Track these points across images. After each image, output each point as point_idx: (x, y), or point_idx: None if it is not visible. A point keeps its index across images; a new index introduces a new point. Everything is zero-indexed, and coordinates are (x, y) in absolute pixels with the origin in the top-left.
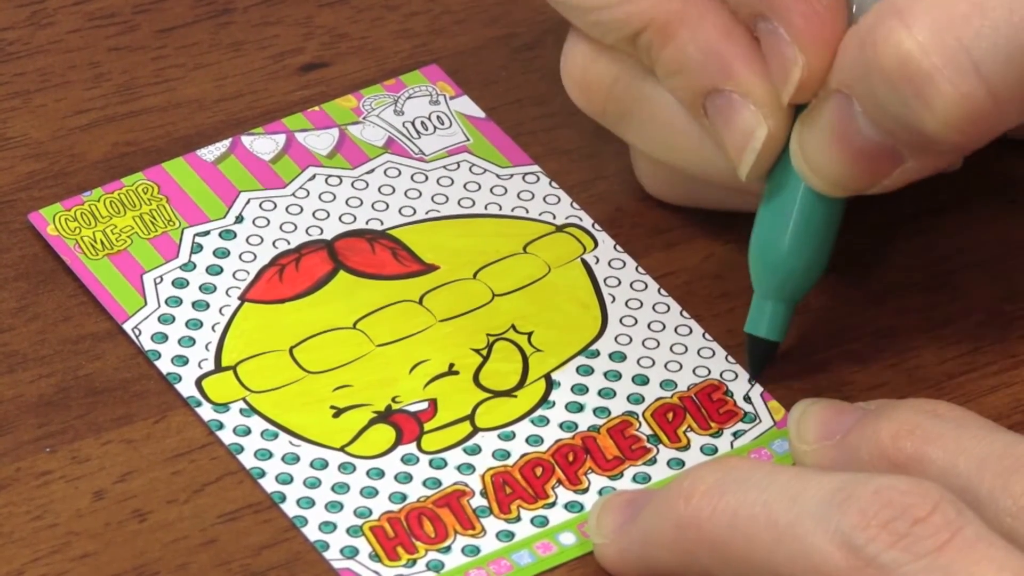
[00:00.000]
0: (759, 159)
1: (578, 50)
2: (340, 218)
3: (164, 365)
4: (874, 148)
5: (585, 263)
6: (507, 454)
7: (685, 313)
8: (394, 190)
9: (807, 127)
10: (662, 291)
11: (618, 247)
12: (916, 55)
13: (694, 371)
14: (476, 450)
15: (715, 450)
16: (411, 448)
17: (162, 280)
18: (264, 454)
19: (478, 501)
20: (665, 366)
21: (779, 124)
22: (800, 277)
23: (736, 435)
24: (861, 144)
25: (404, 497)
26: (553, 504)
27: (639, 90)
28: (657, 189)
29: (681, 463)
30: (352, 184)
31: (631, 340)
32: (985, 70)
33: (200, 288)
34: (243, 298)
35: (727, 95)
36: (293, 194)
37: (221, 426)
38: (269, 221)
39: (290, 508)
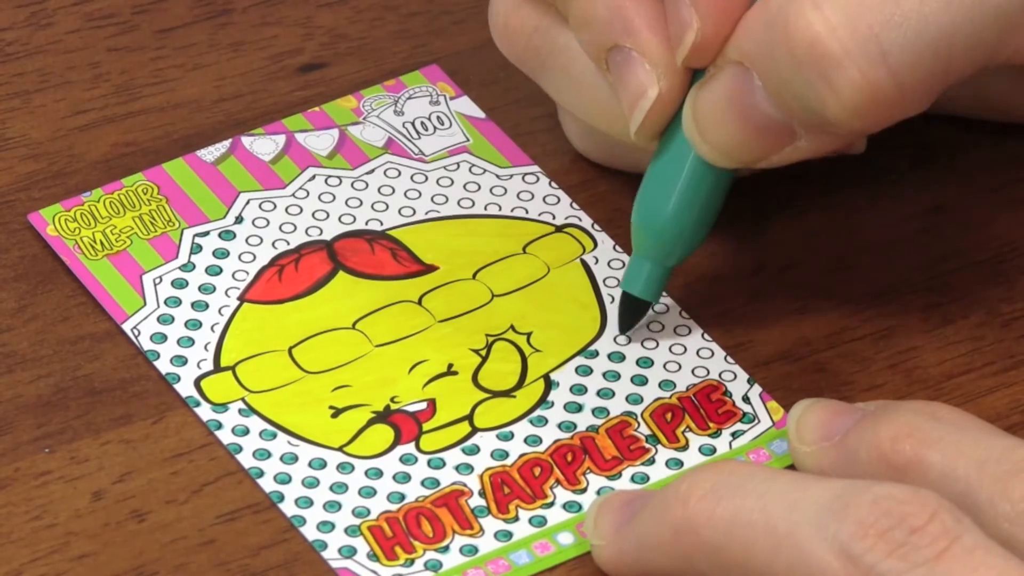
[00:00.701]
0: (648, 119)
1: None
2: (340, 218)
3: (163, 365)
4: (768, 123)
5: (584, 263)
6: (506, 454)
7: (684, 313)
8: (394, 190)
9: (702, 94)
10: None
11: (618, 247)
12: (825, 38)
13: (693, 371)
14: (475, 450)
15: (713, 450)
16: (410, 448)
17: (161, 280)
18: (263, 454)
19: (476, 501)
20: (664, 366)
21: (672, 86)
22: (680, 243)
23: (735, 435)
24: (755, 118)
25: (402, 497)
26: (551, 504)
27: (555, 41)
28: (583, 147)
29: (679, 463)
30: (352, 184)
31: (630, 340)
32: (893, 59)
33: (199, 288)
34: (242, 298)
35: (626, 52)
36: (293, 195)
37: (220, 426)
38: (269, 222)
39: (288, 508)
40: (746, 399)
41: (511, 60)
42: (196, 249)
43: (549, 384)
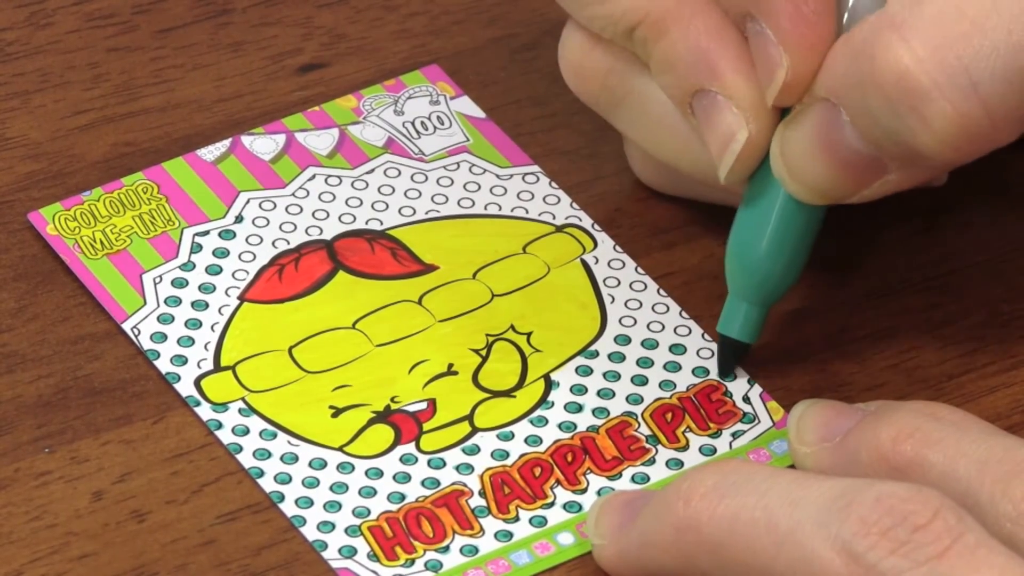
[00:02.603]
0: (739, 162)
1: (576, 37)
2: (340, 218)
3: (163, 365)
4: (858, 158)
5: (584, 263)
6: (506, 454)
7: (684, 313)
8: (394, 190)
9: (790, 132)
10: (661, 291)
11: (617, 247)
12: (914, 71)
13: (693, 371)
14: (475, 450)
15: (714, 450)
16: (410, 448)
17: (161, 280)
18: (263, 454)
19: (477, 501)
20: (664, 366)
21: (761, 128)
22: (775, 282)
23: (735, 435)
24: (845, 154)
25: (403, 497)
26: (552, 504)
27: (632, 83)
28: (648, 177)
29: (680, 463)
30: (352, 184)
31: (630, 340)
32: (983, 90)
33: (199, 288)
34: (242, 298)
35: (712, 95)
36: (293, 194)
37: (220, 426)
38: (269, 221)
39: (288, 508)
40: (746, 399)
41: (582, 100)
42: (196, 248)
43: (549, 384)
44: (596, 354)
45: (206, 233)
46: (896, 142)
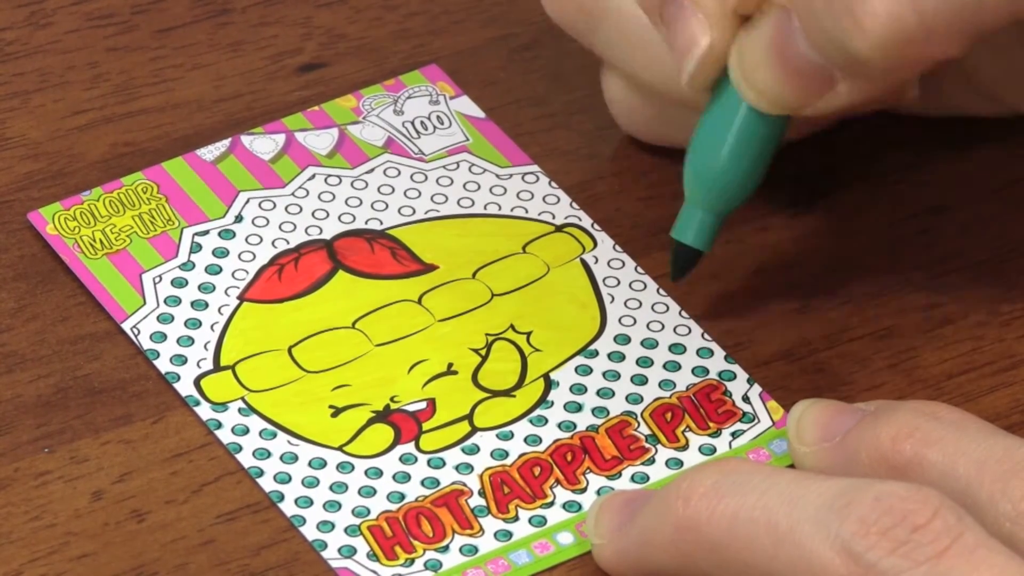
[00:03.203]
0: (700, 67)
1: None
2: (339, 218)
3: (163, 364)
4: (809, 67)
5: (584, 263)
6: (505, 454)
7: (684, 313)
8: (393, 190)
9: (747, 39)
10: (661, 291)
11: (617, 247)
12: None
13: (693, 371)
14: (474, 450)
15: (713, 450)
16: (409, 448)
17: (161, 279)
18: (262, 453)
19: (476, 501)
20: (664, 366)
21: (723, 36)
22: (733, 191)
23: (735, 435)
24: (796, 61)
25: (402, 497)
26: (551, 504)
27: (608, 2)
28: (628, 120)
29: (679, 463)
30: (352, 184)
31: (630, 340)
32: None
33: (199, 288)
34: (242, 298)
35: (679, 3)
36: (292, 194)
37: (219, 425)
38: (268, 221)
39: (288, 507)
40: (746, 399)
41: (559, 22)
42: (196, 248)
43: (549, 384)
44: (596, 354)
45: (206, 233)
46: (836, 46)
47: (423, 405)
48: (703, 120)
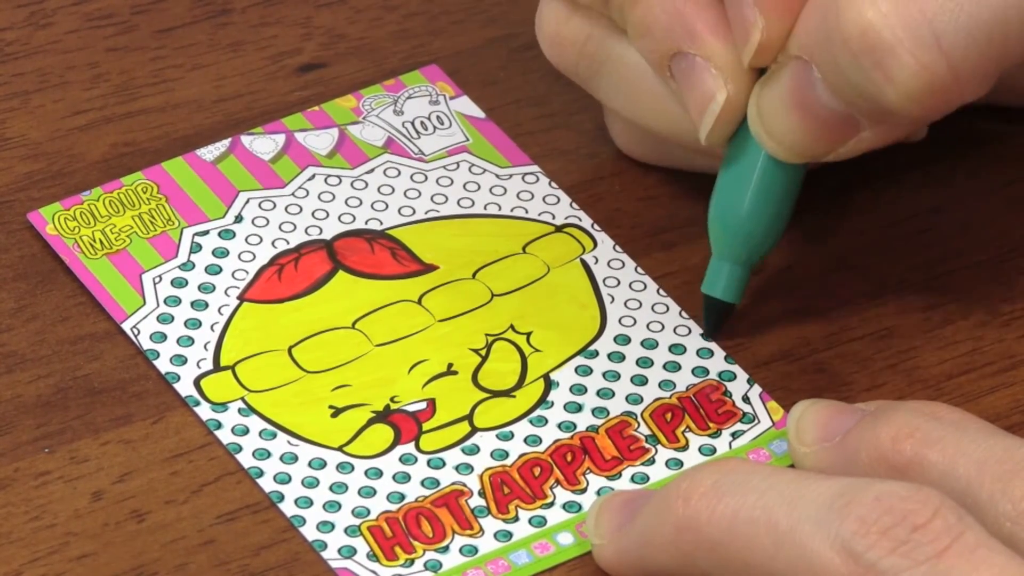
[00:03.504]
0: (718, 123)
1: (552, 6)
2: (339, 218)
3: (163, 365)
4: (831, 116)
5: (584, 263)
6: (505, 454)
7: (684, 313)
8: (393, 190)
9: (766, 91)
10: (661, 291)
11: (617, 247)
12: (878, 25)
13: (693, 371)
14: (474, 450)
15: (713, 450)
16: (409, 448)
17: (161, 280)
18: (262, 454)
19: (476, 501)
20: (664, 366)
21: (739, 88)
22: (758, 241)
23: (735, 435)
24: (818, 111)
25: (402, 497)
26: (551, 504)
27: (610, 49)
28: (630, 147)
29: (679, 463)
30: (351, 184)
31: (630, 340)
32: (946, 44)
33: (199, 288)
34: (242, 298)
35: (690, 58)
36: (292, 194)
37: (219, 426)
38: (268, 221)
39: (288, 508)
40: (746, 399)
41: (560, 69)
42: (196, 248)
43: (549, 384)
44: (596, 354)
45: (206, 233)
46: (864, 98)
47: (423, 405)
48: (723, 172)
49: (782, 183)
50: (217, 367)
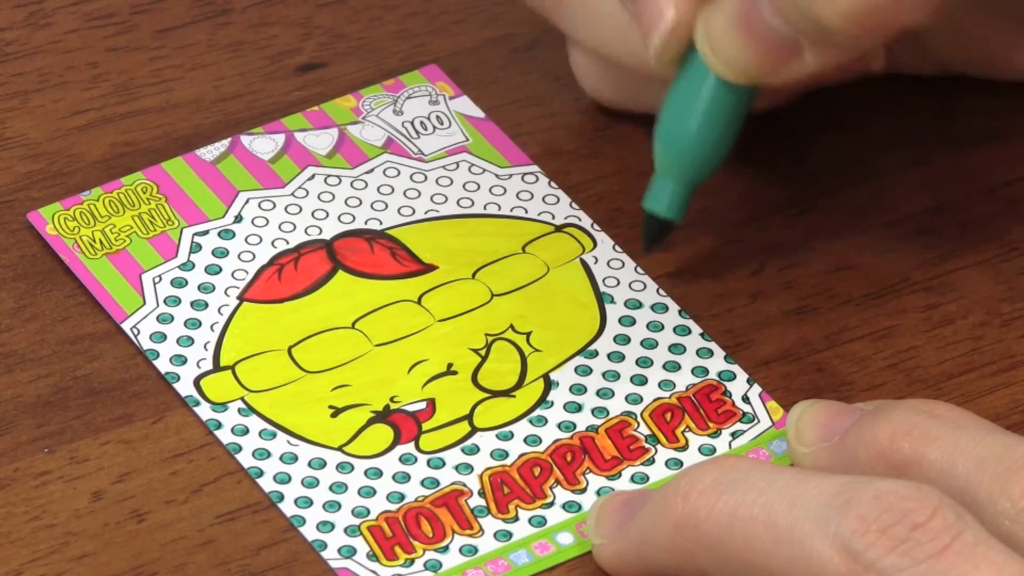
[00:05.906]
0: (666, 42)
1: None
2: (339, 218)
3: (162, 365)
4: (775, 36)
5: (584, 263)
6: (505, 454)
7: (684, 313)
8: (393, 190)
9: (712, 11)
10: (661, 291)
11: (617, 247)
12: None
13: (692, 371)
14: (474, 450)
15: (713, 450)
16: (409, 448)
17: (161, 280)
18: (262, 454)
19: (476, 501)
20: (663, 366)
21: (688, 9)
22: (703, 161)
23: (734, 435)
24: (762, 31)
25: (402, 497)
26: (551, 504)
27: None
28: (595, 87)
29: (679, 463)
30: (351, 184)
31: (630, 340)
32: None
33: (199, 288)
34: (242, 298)
35: None
36: (292, 194)
37: (219, 425)
38: (268, 221)
39: (288, 508)
40: (746, 399)
41: (526, 3)
42: (195, 248)
43: (549, 384)
44: (595, 354)
45: (205, 233)
46: (803, 16)
47: (423, 405)
48: (671, 92)
49: (729, 105)
50: (217, 367)
